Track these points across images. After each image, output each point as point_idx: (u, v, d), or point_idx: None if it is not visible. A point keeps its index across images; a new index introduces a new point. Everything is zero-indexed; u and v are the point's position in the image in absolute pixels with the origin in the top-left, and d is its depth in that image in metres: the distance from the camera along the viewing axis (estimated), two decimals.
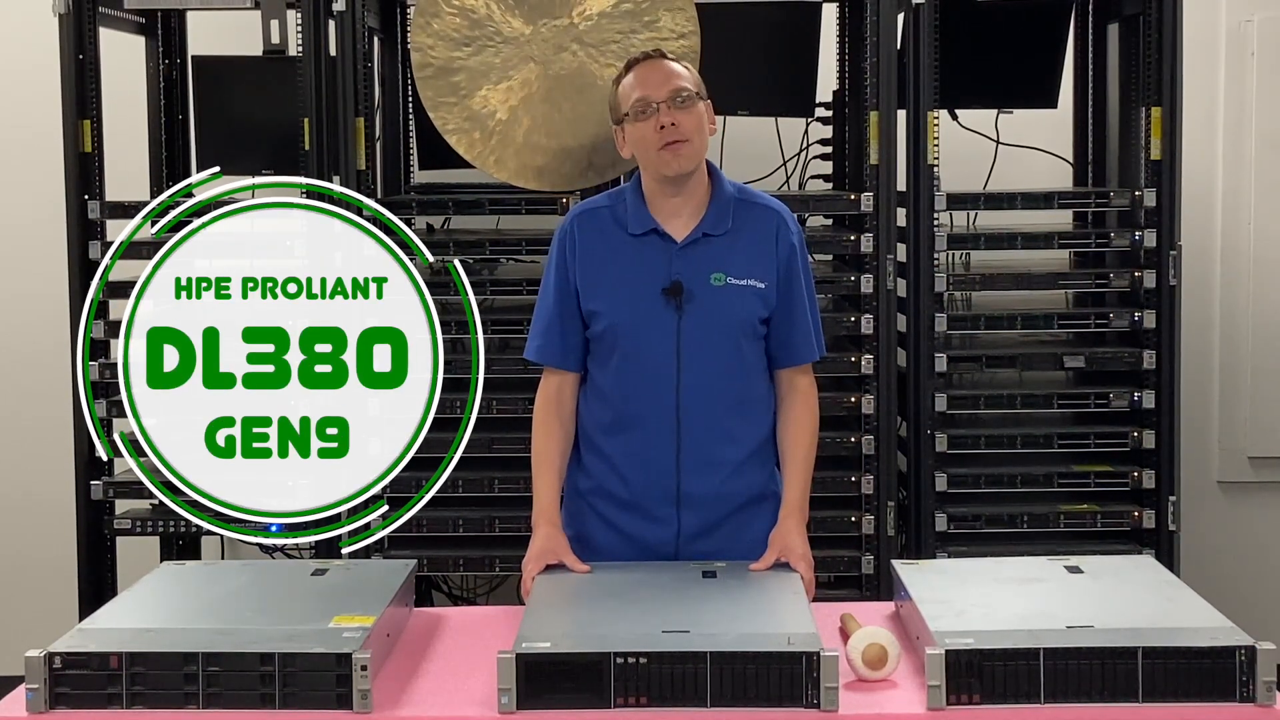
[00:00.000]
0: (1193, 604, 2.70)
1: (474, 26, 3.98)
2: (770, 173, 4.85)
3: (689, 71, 3.12)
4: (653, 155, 3.06)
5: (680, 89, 3.06)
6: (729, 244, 3.11)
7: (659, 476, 3.12)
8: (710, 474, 3.12)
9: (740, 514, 3.16)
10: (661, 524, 3.13)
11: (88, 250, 4.38)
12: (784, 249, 3.14)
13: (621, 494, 3.15)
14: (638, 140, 3.08)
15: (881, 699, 2.52)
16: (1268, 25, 5.22)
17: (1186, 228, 4.44)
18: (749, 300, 3.10)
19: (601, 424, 3.17)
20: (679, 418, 3.10)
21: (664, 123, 3.03)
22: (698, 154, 3.08)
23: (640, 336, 3.09)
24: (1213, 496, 5.33)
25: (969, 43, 4.51)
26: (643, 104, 3.06)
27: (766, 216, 3.15)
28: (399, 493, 4.38)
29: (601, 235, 3.14)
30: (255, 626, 2.60)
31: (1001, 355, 4.43)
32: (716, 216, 3.12)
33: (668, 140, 3.03)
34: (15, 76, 5.26)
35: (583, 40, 3.96)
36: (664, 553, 3.13)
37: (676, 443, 3.10)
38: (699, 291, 3.08)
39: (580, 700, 2.44)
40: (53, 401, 4.77)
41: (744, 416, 3.15)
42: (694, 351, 3.08)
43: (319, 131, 4.32)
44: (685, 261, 3.09)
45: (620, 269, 3.11)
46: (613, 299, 3.10)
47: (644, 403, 3.11)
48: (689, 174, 3.08)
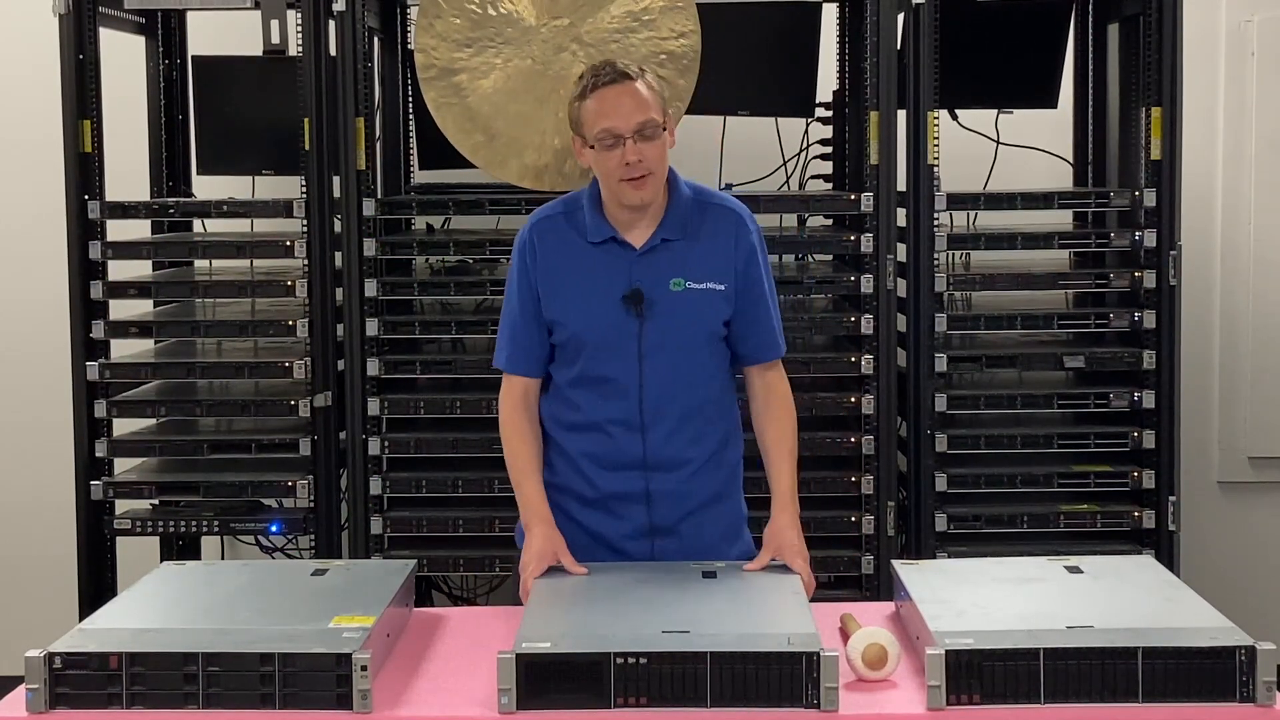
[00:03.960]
0: (1193, 604, 2.70)
1: (476, 27, 3.98)
2: (770, 173, 4.85)
3: (654, 95, 3.05)
4: (614, 185, 3.05)
5: (648, 122, 3.01)
6: (688, 248, 3.10)
7: (624, 476, 3.13)
8: (674, 473, 3.14)
9: (702, 511, 3.18)
10: (625, 520, 3.15)
11: (88, 250, 4.38)
12: (743, 249, 3.13)
13: (586, 492, 3.16)
14: (599, 166, 3.06)
15: (881, 699, 2.52)
16: (1268, 25, 5.23)
17: (1186, 228, 4.44)
18: (709, 303, 3.10)
19: (566, 424, 3.17)
20: (643, 421, 3.11)
21: (629, 159, 3.01)
22: (660, 183, 3.06)
23: (603, 344, 3.09)
24: (1213, 496, 5.33)
25: (969, 43, 4.51)
26: (608, 135, 3.02)
27: (724, 217, 3.15)
28: (399, 492, 4.41)
29: (560, 244, 3.13)
30: (255, 626, 2.60)
31: (1001, 355, 4.43)
32: (675, 222, 3.11)
33: (632, 175, 3.01)
34: (15, 76, 5.26)
35: (582, 40, 3.96)
36: (627, 548, 3.15)
37: (642, 444, 3.12)
38: (659, 298, 3.08)
39: (580, 700, 2.44)
40: (53, 402, 4.78)
41: (706, 417, 3.16)
42: (657, 357, 3.09)
43: (319, 131, 4.32)
44: (644, 268, 3.09)
45: (581, 277, 3.10)
46: (574, 308, 3.10)
47: (608, 407, 3.11)
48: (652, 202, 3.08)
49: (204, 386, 4.54)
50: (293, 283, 4.34)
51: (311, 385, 4.35)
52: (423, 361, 4.39)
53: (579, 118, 3.08)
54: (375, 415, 4.34)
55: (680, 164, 4.78)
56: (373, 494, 4.35)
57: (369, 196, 4.31)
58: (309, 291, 4.33)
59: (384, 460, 4.37)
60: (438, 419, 4.39)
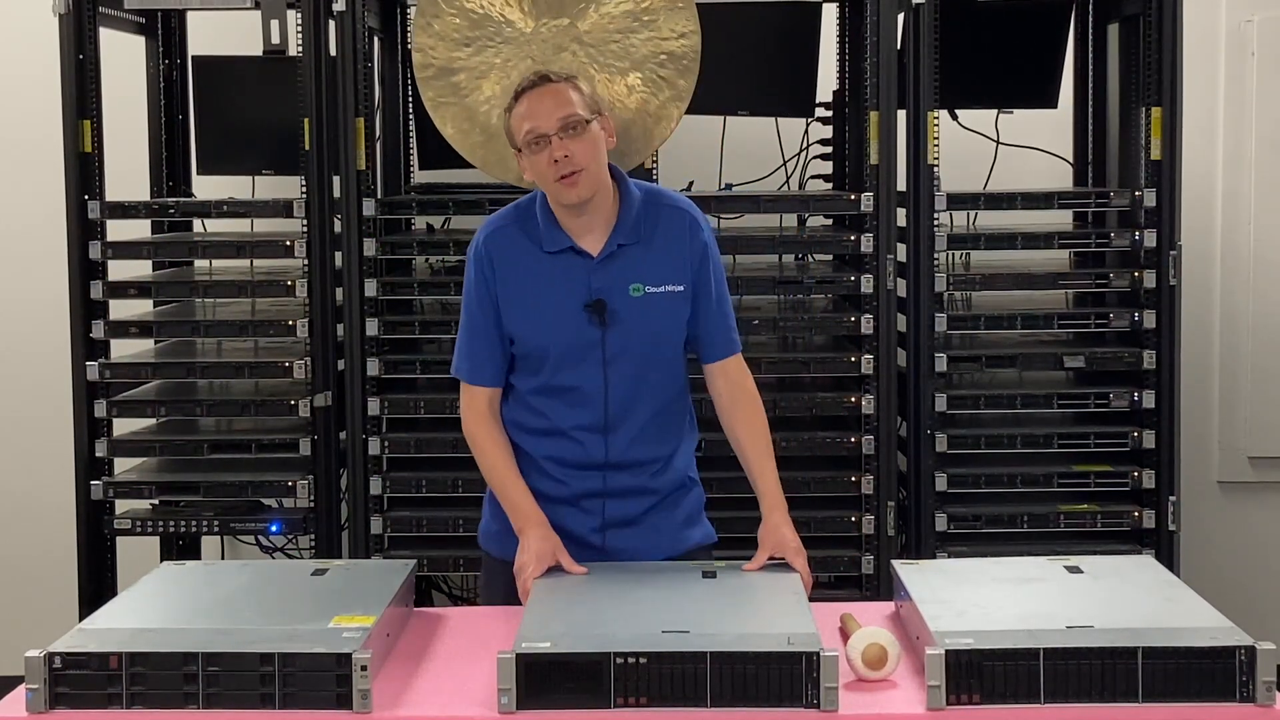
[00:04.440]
0: (1193, 604, 2.70)
1: (474, 27, 3.98)
2: (770, 173, 4.85)
3: (579, 93, 3.06)
4: (550, 186, 3.05)
5: (569, 116, 3.01)
6: (643, 252, 3.10)
7: (588, 476, 3.14)
8: (637, 472, 3.15)
9: (661, 505, 3.19)
10: (589, 514, 3.16)
11: (88, 250, 4.38)
12: (697, 248, 3.13)
13: (551, 492, 3.16)
14: (535, 171, 3.05)
15: (881, 699, 2.52)
16: (1268, 25, 5.23)
17: (1186, 228, 4.44)
18: (669, 306, 3.10)
19: (528, 429, 3.17)
20: (607, 425, 3.11)
21: (556, 156, 3.00)
22: (595, 179, 3.04)
23: (566, 354, 3.09)
24: (1213, 496, 5.33)
25: (969, 43, 4.52)
26: (533, 135, 3.02)
27: (676, 217, 3.15)
28: (399, 492, 4.41)
29: (518, 255, 3.11)
30: (255, 626, 2.59)
31: (1001, 355, 4.43)
32: (628, 226, 3.10)
33: (562, 173, 3.01)
34: (15, 76, 5.26)
35: (582, 40, 3.96)
36: (588, 541, 3.15)
37: (604, 447, 3.12)
38: (620, 305, 3.07)
39: (580, 700, 2.44)
40: (53, 401, 4.78)
41: (669, 417, 3.18)
42: (620, 363, 3.09)
43: (319, 131, 4.32)
44: (603, 276, 3.08)
45: (540, 288, 3.09)
46: (536, 321, 3.10)
47: (572, 413, 3.12)
48: (589, 199, 3.07)
49: (204, 386, 4.54)
50: (293, 283, 4.34)
51: (311, 385, 4.35)
52: (423, 361, 4.39)
53: (509, 130, 3.09)
54: (375, 415, 4.34)
55: (680, 164, 4.79)
56: (373, 494, 4.35)
57: (369, 196, 4.31)
58: (309, 291, 4.33)
59: (384, 460, 4.37)
60: (438, 419, 4.39)
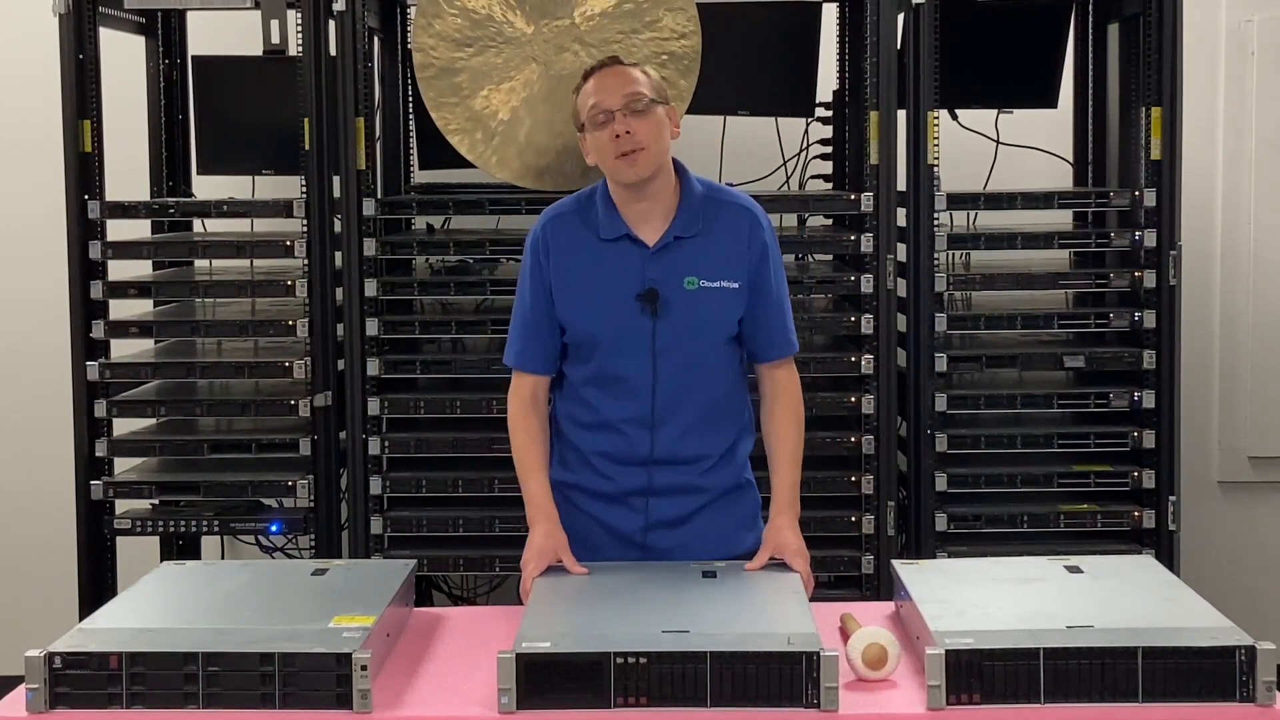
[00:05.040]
0: (1193, 604, 2.70)
1: (476, 27, 3.98)
2: (770, 173, 4.85)
3: (648, 77, 3.12)
4: (610, 163, 3.07)
5: (635, 94, 3.06)
6: (701, 246, 3.11)
7: (635, 472, 3.15)
8: (685, 470, 3.15)
9: (712, 505, 3.19)
10: (635, 512, 3.17)
11: (88, 250, 4.38)
12: (756, 247, 3.14)
13: (598, 488, 3.18)
14: (597, 148, 3.09)
15: (881, 699, 2.52)
16: (1268, 25, 5.22)
17: (1186, 228, 4.44)
18: (722, 302, 3.11)
19: (578, 422, 3.19)
20: (654, 419, 3.12)
21: (619, 131, 3.03)
22: (655, 160, 3.07)
23: (616, 342, 3.10)
24: (1213, 496, 5.33)
25: (969, 43, 4.52)
26: (598, 111, 3.06)
27: (738, 215, 3.16)
28: (399, 492, 4.41)
29: (573, 241, 3.14)
30: (255, 626, 2.60)
31: (1001, 355, 4.43)
32: (687, 218, 3.12)
33: (624, 149, 3.04)
34: (15, 76, 5.26)
35: (584, 40, 3.96)
36: (635, 540, 3.17)
37: (651, 443, 3.13)
38: (673, 296, 3.09)
39: (580, 700, 2.44)
40: (53, 401, 4.78)
41: (719, 415, 3.17)
42: (669, 355, 3.09)
43: (319, 131, 4.31)
44: (658, 266, 3.09)
45: (594, 275, 3.11)
46: (588, 307, 3.11)
47: (620, 405, 3.13)
48: (650, 179, 3.08)
49: (204, 386, 4.54)
50: (293, 283, 4.34)
51: (311, 385, 4.35)
52: (423, 361, 4.39)
53: (576, 110, 3.14)
54: (375, 415, 4.34)
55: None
56: (373, 494, 4.35)
57: (369, 196, 4.31)
58: (309, 291, 4.33)
59: (384, 460, 4.36)
60: (438, 419, 4.39)
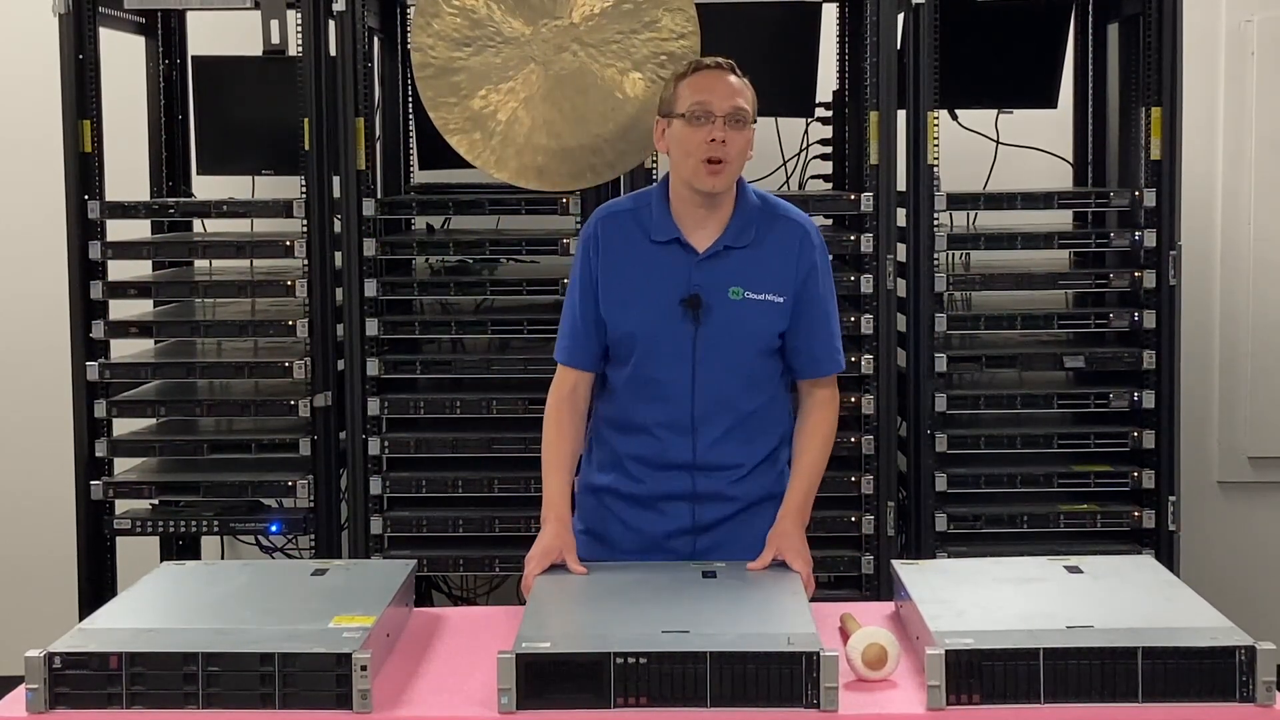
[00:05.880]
0: (1193, 604, 2.70)
1: (475, 27, 3.98)
2: (770, 173, 4.85)
3: (750, 93, 3.12)
4: (691, 164, 3.05)
5: (741, 109, 3.06)
6: (750, 257, 3.10)
7: (672, 478, 3.15)
8: (722, 477, 3.15)
9: (749, 511, 3.19)
10: (672, 519, 3.17)
11: (88, 250, 4.38)
12: (805, 263, 3.14)
13: (635, 492, 3.18)
14: (682, 142, 3.06)
15: (881, 699, 2.52)
16: (1268, 25, 5.22)
17: (1186, 228, 4.45)
18: (765, 315, 3.10)
19: (617, 424, 3.19)
20: (693, 425, 3.12)
21: (716, 137, 3.03)
22: (734, 176, 3.09)
23: (656, 345, 3.10)
24: (1213, 496, 5.33)
25: (969, 43, 4.51)
26: (702, 109, 3.04)
27: (790, 230, 3.16)
28: (399, 492, 4.41)
29: (624, 239, 3.14)
30: (255, 626, 2.60)
31: (1001, 355, 4.43)
32: (739, 228, 3.11)
33: (713, 156, 3.03)
34: (15, 76, 5.26)
35: (583, 40, 3.96)
36: (673, 546, 3.16)
37: (692, 448, 3.13)
38: (716, 305, 3.08)
39: (580, 700, 2.44)
40: (53, 401, 4.78)
41: (757, 425, 3.17)
42: (709, 363, 3.09)
43: (319, 131, 4.32)
44: (705, 274, 3.09)
45: (640, 276, 3.11)
46: (631, 306, 3.11)
47: (659, 409, 3.13)
48: (719, 195, 3.08)
49: (204, 386, 4.54)
50: (293, 283, 4.34)
51: (311, 385, 4.35)
52: (423, 361, 4.39)
53: (674, 94, 3.10)
54: (375, 415, 4.34)
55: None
56: (373, 494, 4.35)
57: (369, 196, 4.31)
58: (309, 291, 4.33)
59: (384, 460, 4.36)
60: (438, 419, 4.40)
